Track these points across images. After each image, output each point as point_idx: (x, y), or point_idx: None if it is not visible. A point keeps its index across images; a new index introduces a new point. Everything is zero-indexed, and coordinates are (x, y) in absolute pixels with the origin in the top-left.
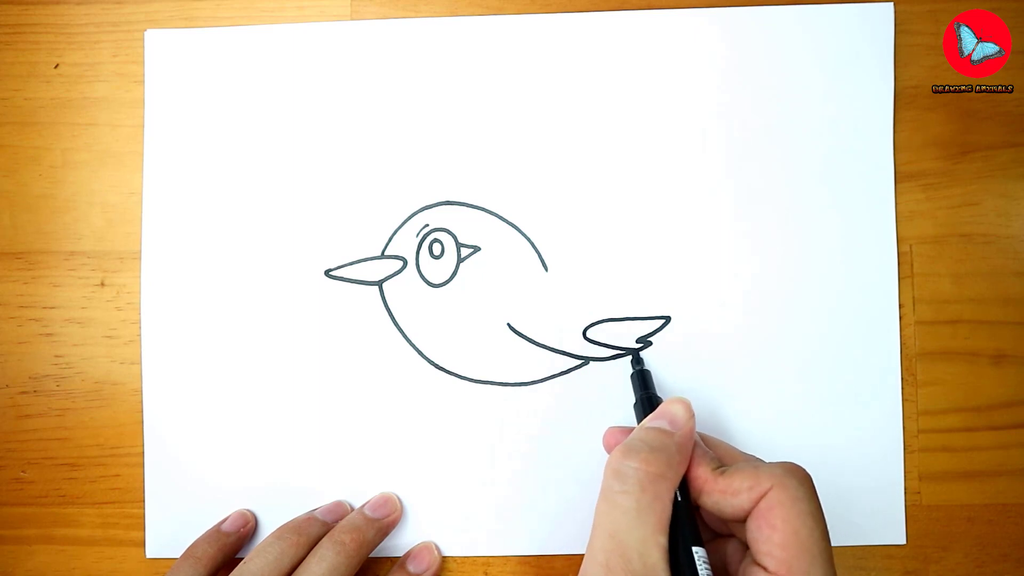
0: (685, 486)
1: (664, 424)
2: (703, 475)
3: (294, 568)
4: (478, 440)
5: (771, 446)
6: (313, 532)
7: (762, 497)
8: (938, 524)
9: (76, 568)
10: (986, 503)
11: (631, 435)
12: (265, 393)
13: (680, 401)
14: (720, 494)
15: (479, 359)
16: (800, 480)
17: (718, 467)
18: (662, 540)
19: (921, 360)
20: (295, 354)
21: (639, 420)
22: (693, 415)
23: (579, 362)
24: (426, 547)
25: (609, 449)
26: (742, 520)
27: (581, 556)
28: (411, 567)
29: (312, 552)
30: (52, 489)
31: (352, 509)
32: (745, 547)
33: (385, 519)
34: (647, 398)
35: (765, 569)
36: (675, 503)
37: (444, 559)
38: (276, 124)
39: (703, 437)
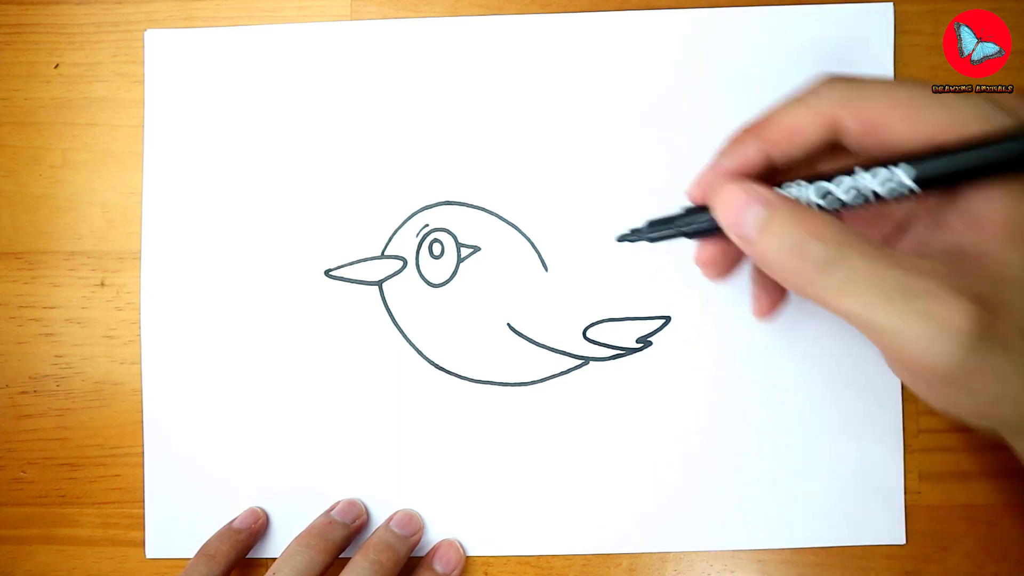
0: None
1: None
2: None
3: (323, 573)
4: (478, 440)
5: (771, 446)
6: (337, 536)
7: None
8: (938, 524)
9: (76, 568)
10: (986, 503)
11: None
12: (265, 393)
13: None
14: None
15: (479, 359)
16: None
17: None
18: None
19: None
20: (295, 354)
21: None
22: None
23: (579, 362)
24: (451, 545)
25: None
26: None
27: (581, 556)
28: (438, 567)
29: (348, 569)
30: (52, 489)
31: (365, 507)
32: None
33: (412, 536)
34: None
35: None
36: None
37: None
38: (276, 124)
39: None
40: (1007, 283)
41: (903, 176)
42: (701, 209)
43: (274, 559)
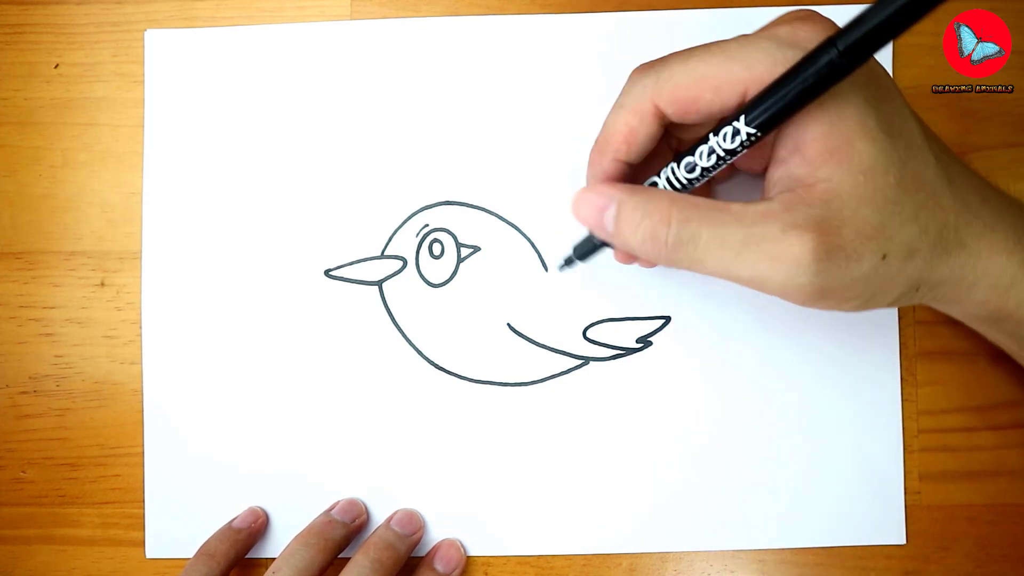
0: None
1: None
2: None
3: (323, 572)
4: (478, 440)
5: (770, 446)
6: (337, 535)
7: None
8: (938, 524)
9: (76, 568)
10: (986, 503)
11: None
12: (265, 393)
13: None
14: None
15: (479, 359)
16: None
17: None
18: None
19: (921, 360)
20: (295, 354)
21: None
22: None
23: (579, 362)
24: (452, 545)
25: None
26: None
27: (581, 556)
28: (439, 566)
29: (349, 568)
30: (52, 489)
31: (365, 506)
32: None
33: (413, 535)
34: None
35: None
36: None
37: None
38: (276, 124)
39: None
40: (835, 198)
41: (742, 126)
42: None
43: (274, 559)
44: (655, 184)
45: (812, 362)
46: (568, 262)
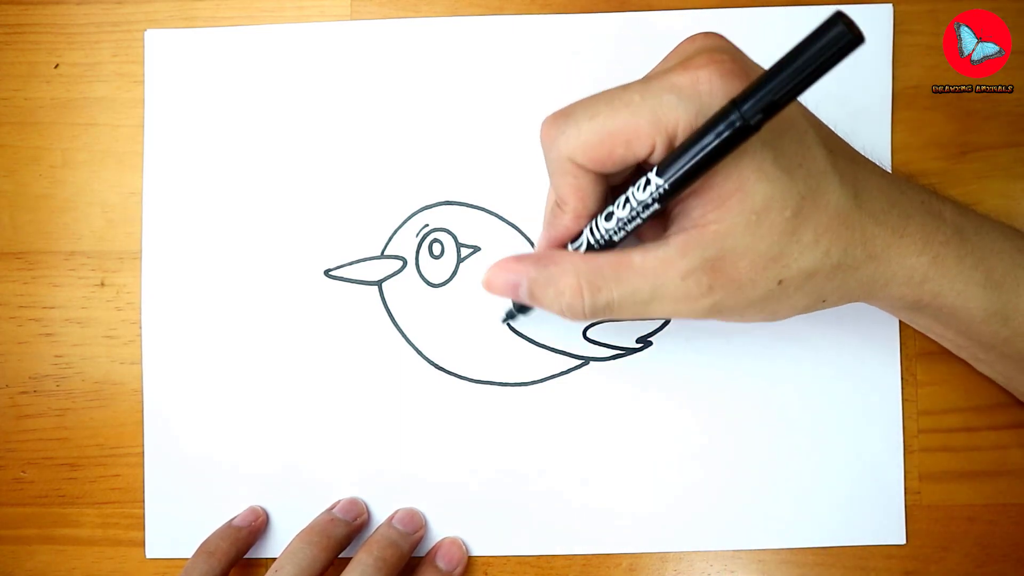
0: None
1: None
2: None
3: (325, 570)
4: (478, 440)
5: (770, 445)
6: (339, 533)
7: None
8: (938, 524)
9: (76, 568)
10: (986, 503)
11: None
12: (265, 393)
13: None
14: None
15: (479, 359)
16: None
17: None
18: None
19: (921, 360)
20: (295, 354)
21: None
22: None
23: (579, 362)
24: (454, 543)
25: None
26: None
27: (581, 556)
28: (441, 564)
29: (352, 566)
30: (52, 489)
31: (366, 505)
32: None
33: (415, 534)
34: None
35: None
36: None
37: None
38: (276, 124)
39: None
40: (728, 236)
41: (653, 178)
42: None
43: (275, 559)
44: (579, 241)
45: (812, 362)
46: (510, 316)
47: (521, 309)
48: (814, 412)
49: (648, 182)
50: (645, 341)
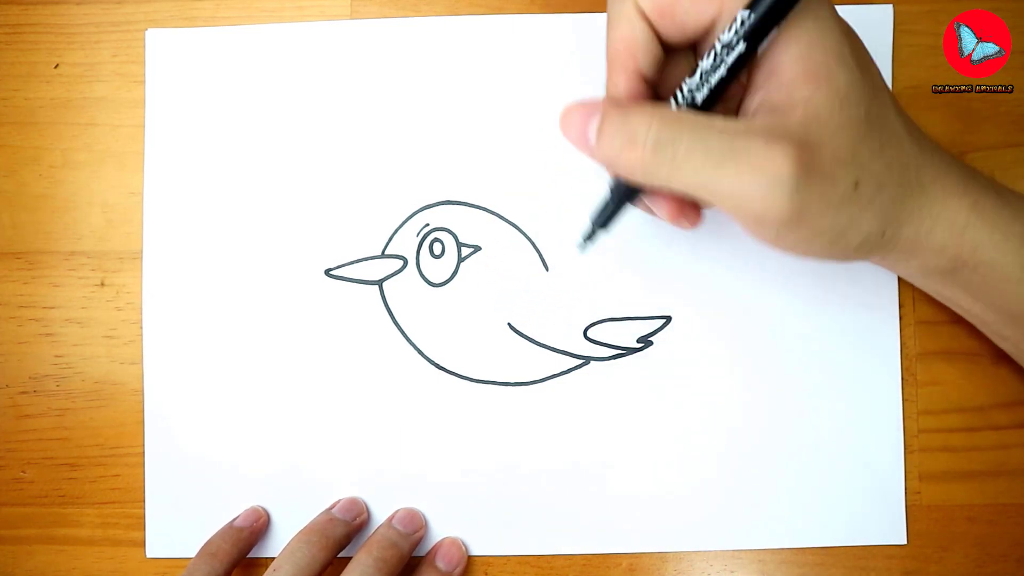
0: None
1: None
2: None
3: (324, 570)
4: (478, 440)
5: (771, 446)
6: (338, 533)
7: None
8: (938, 524)
9: (76, 568)
10: (986, 503)
11: None
12: (266, 393)
13: None
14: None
15: (479, 359)
16: None
17: None
18: None
19: (921, 360)
20: (295, 354)
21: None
22: None
23: (579, 362)
24: (454, 543)
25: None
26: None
27: (581, 556)
28: (441, 564)
29: (352, 567)
30: (52, 489)
31: (365, 505)
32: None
33: (415, 534)
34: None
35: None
36: None
37: None
38: (276, 124)
39: None
40: (814, 120)
41: (728, 38)
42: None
43: (274, 559)
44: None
45: (812, 362)
46: (589, 236)
47: (604, 219)
48: (814, 412)
49: (735, 21)
50: (646, 341)
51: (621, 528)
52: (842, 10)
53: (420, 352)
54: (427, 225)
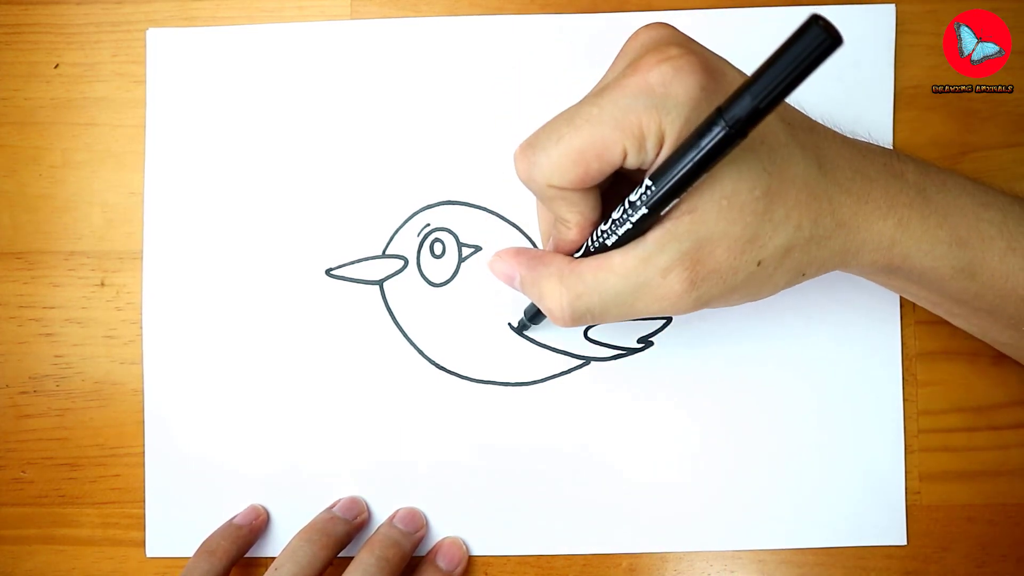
0: None
1: None
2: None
3: (325, 569)
4: (478, 440)
5: (771, 445)
6: (339, 532)
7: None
8: (938, 524)
9: (76, 568)
10: (986, 503)
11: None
12: (266, 393)
13: None
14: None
15: (480, 359)
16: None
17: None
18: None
19: (921, 360)
20: (296, 354)
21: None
22: None
23: (580, 362)
24: (454, 543)
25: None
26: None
27: (581, 556)
28: (441, 563)
29: (354, 566)
30: (52, 489)
31: (366, 504)
32: None
33: (416, 533)
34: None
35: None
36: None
37: None
38: (277, 123)
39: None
40: (701, 226)
41: (644, 183)
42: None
43: (275, 558)
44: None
45: (812, 362)
46: (522, 326)
47: (533, 319)
48: (814, 412)
49: (639, 188)
50: (646, 341)
51: (621, 528)
52: (843, 10)
53: (421, 352)
54: (428, 225)
